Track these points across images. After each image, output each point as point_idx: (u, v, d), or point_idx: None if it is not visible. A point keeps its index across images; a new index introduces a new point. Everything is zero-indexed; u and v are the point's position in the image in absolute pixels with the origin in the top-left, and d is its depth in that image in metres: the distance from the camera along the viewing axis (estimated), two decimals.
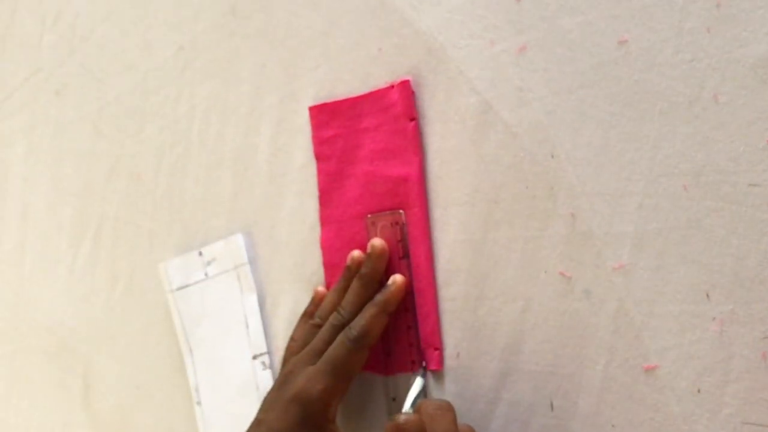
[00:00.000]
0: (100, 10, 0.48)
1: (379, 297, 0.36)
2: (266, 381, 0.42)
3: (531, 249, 0.34)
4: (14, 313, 0.51)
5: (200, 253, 0.44)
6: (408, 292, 0.37)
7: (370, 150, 0.39)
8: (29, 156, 0.51)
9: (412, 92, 0.37)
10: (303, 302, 0.41)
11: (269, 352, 0.42)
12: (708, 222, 0.31)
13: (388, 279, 0.37)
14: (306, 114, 0.41)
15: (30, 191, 0.51)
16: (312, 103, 0.40)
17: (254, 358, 0.42)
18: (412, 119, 0.37)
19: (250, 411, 0.41)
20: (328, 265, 0.40)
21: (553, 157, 0.34)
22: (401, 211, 0.37)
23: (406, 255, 0.37)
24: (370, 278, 0.37)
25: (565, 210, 0.34)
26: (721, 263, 0.31)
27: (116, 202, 0.48)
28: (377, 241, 0.37)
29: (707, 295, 0.31)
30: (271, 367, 0.42)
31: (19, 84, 0.52)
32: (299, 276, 0.41)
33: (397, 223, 0.37)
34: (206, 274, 0.44)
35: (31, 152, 0.51)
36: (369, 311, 0.36)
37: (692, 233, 0.31)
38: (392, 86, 0.38)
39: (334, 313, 0.37)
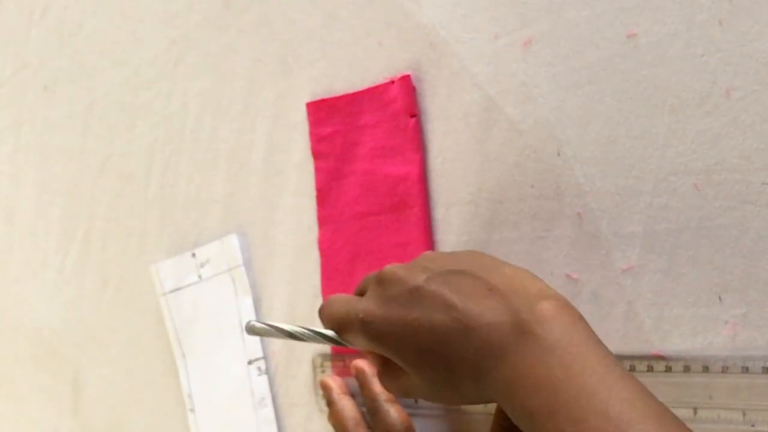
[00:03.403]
0: (89, 3, 0.47)
1: None
2: (262, 387, 0.41)
3: (537, 250, 0.34)
4: (0, 318, 0.51)
5: (193, 255, 0.43)
6: None
7: (369, 148, 0.38)
8: (16, 154, 0.50)
9: (413, 88, 0.37)
10: (299, 305, 0.40)
11: (265, 357, 0.41)
12: (720, 222, 0.30)
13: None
14: (303, 110, 0.40)
15: (17, 191, 0.50)
16: (309, 99, 0.40)
17: (249, 363, 0.41)
18: (413, 116, 0.36)
19: (246, 418, 0.40)
20: (326, 267, 0.39)
21: (559, 155, 0.33)
22: None
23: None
24: None
25: (571, 210, 0.33)
26: (734, 265, 0.30)
27: (106, 201, 0.47)
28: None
29: (719, 298, 0.30)
30: (267, 372, 0.41)
31: (5, 79, 0.51)
32: (296, 278, 0.40)
33: None
34: (200, 277, 0.43)
35: (17, 150, 0.50)
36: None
37: (704, 234, 0.31)
38: (392, 81, 0.37)
39: None
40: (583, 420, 0.23)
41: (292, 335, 0.31)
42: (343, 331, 0.31)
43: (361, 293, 0.32)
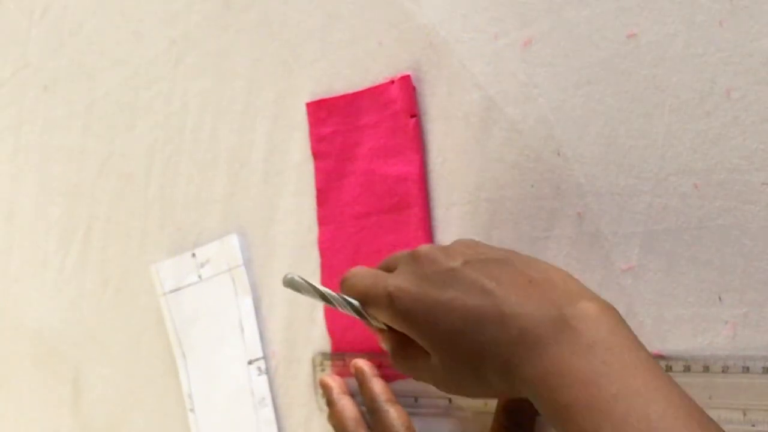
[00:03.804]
0: (89, 2, 0.47)
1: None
2: (262, 387, 0.41)
3: (537, 250, 0.33)
4: (0, 318, 0.51)
5: (193, 255, 0.43)
6: None
7: (369, 148, 0.38)
8: (16, 154, 0.50)
9: (413, 88, 0.37)
10: (299, 305, 0.40)
11: (265, 357, 0.41)
12: (720, 222, 0.30)
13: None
14: (303, 110, 0.40)
15: (17, 190, 0.50)
16: (309, 99, 0.40)
17: (250, 363, 0.41)
18: (413, 116, 0.36)
19: (246, 418, 0.40)
20: (326, 267, 0.39)
21: (559, 155, 0.33)
22: None
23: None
24: None
25: (572, 210, 0.33)
26: (734, 265, 0.30)
27: (106, 201, 0.47)
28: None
29: (719, 298, 0.30)
30: (267, 372, 0.41)
31: (5, 79, 0.51)
32: None
33: None
34: (200, 277, 0.43)
35: (18, 150, 0.50)
36: None
37: (704, 234, 0.31)
38: (392, 81, 0.37)
39: None
40: (624, 420, 0.22)
41: (323, 296, 0.32)
42: (368, 304, 0.30)
43: (386, 270, 0.31)
